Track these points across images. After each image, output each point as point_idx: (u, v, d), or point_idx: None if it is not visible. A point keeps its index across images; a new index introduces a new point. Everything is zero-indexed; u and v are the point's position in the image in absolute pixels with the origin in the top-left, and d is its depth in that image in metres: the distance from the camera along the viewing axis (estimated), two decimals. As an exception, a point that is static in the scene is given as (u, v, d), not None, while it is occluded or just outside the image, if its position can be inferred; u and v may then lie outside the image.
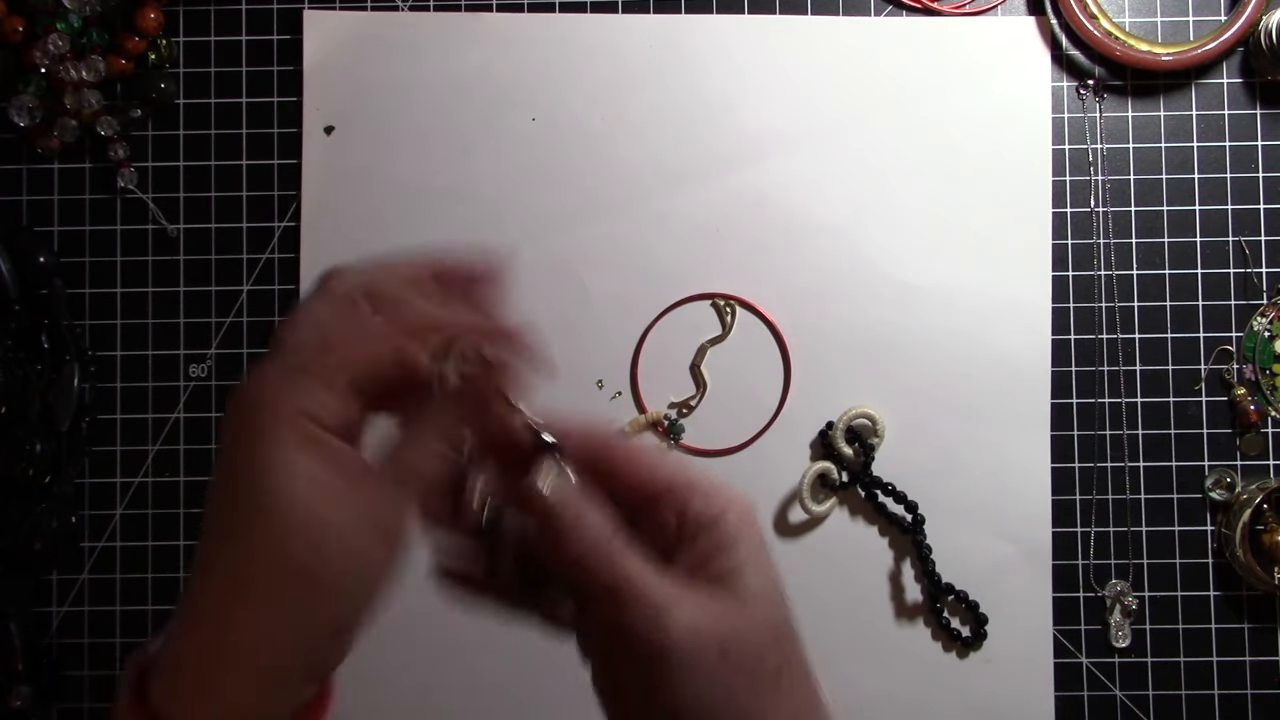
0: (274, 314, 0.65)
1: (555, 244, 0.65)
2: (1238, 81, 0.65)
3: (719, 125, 0.65)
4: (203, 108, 0.66)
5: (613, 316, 0.65)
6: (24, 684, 0.62)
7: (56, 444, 0.63)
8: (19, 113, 0.63)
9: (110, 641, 0.64)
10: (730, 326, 0.65)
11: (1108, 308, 0.65)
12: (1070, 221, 0.65)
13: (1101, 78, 0.65)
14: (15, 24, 0.63)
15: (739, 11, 0.66)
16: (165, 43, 0.65)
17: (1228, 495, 0.64)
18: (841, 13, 0.65)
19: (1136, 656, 0.64)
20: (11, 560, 0.63)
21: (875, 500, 0.64)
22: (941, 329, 0.64)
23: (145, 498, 0.65)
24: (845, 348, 0.65)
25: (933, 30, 0.65)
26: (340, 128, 0.65)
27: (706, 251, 0.65)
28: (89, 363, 0.64)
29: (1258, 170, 0.65)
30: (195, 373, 0.65)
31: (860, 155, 0.65)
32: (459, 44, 0.65)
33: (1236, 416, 0.64)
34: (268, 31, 0.66)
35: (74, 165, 0.66)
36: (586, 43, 0.65)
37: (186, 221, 0.66)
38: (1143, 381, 0.65)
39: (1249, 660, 0.64)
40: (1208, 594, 0.64)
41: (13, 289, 0.63)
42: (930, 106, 0.65)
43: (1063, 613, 0.64)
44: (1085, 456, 0.64)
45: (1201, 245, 0.65)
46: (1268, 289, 0.65)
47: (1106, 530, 0.64)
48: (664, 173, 0.65)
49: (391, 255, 0.36)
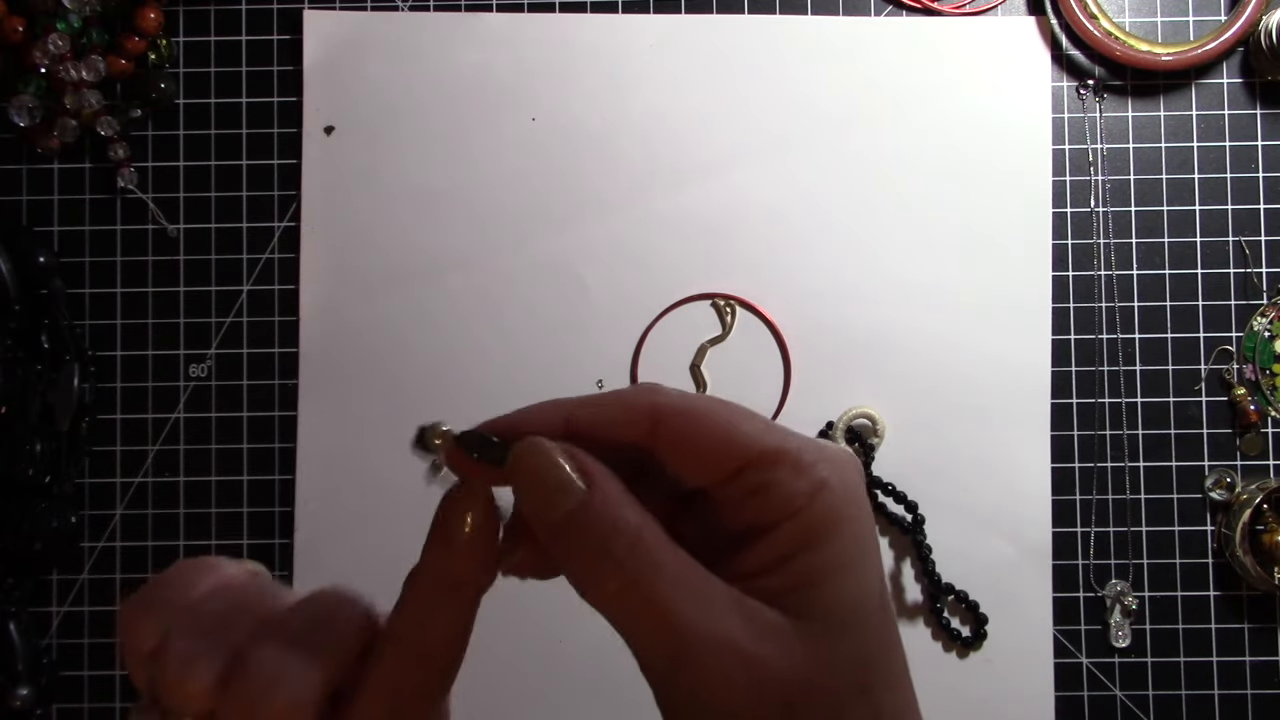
0: (274, 314, 0.65)
1: (555, 244, 0.65)
2: (1238, 81, 0.65)
3: (719, 125, 0.65)
4: (203, 108, 0.66)
5: (613, 316, 0.65)
6: (24, 684, 0.62)
7: (56, 444, 0.63)
8: (19, 113, 0.63)
9: (110, 641, 0.64)
10: (730, 326, 0.65)
11: (1108, 308, 0.65)
12: (1070, 221, 0.65)
13: (1101, 78, 0.65)
14: (15, 24, 0.63)
15: (739, 11, 0.66)
16: (165, 43, 0.65)
17: (1228, 495, 0.64)
18: (841, 13, 0.65)
19: (1136, 656, 0.64)
20: (11, 560, 0.63)
21: (875, 500, 0.64)
22: (941, 329, 0.64)
23: (145, 498, 0.65)
24: (845, 348, 0.65)
25: (933, 30, 0.65)
26: (340, 128, 0.65)
27: (706, 251, 0.65)
28: (89, 363, 0.64)
29: (1258, 170, 0.65)
30: (195, 373, 0.65)
31: (860, 155, 0.65)
32: (459, 44, 0.65)
33: (1236, 416, 0.64)
34: (268, 31, 0.66)
35: (74, 165, 0.66)
36: (586, 43, 0.65)
37: (186, 221, 0.66)
38: (1143, 381, 0.65)
39: (1249, 660, 0.64)
40: (1208, 594, 0.64)
41: (13, 289, 0.62)
42: (930, 106, 0.65)
43: (1063, 613, 0.64)
44: (1085, 456, 0.64)
45: (1201, 245, 0.65)
46: (1268, 289, 0.65)
47: (1106, 530, 0.64)
48: (664, 173, 0.65)
49: None
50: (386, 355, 0.65)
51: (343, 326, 0.65)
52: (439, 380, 0.64)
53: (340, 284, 0.65)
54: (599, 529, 0.24)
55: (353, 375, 0.65)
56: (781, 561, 0.24)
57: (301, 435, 0.64)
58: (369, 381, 0.65)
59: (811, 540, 0.24)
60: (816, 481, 0.24)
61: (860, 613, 0.24)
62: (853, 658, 0.23)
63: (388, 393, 0.65)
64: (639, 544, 0.23)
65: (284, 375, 0.65)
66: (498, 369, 0.64)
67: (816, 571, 0.23)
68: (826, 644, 0.23)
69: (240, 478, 0.65)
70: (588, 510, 0.24)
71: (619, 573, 0.23)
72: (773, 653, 0.22)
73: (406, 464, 0.64)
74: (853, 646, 0.23)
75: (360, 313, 0.65)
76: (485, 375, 0.65)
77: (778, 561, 0.24)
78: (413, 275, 0.65)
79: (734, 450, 0.24)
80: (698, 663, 0.22)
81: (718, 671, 0.22)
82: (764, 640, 0.23)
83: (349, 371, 0.65)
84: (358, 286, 0.65)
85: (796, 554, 0.24)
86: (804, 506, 0.24)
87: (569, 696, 0.63)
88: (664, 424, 0.25)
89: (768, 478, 0.24)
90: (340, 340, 0.65)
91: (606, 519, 0.24)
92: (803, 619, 0.23)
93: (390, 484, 0.64)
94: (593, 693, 0.63)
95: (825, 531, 0.24)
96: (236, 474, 0.65)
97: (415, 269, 0.65)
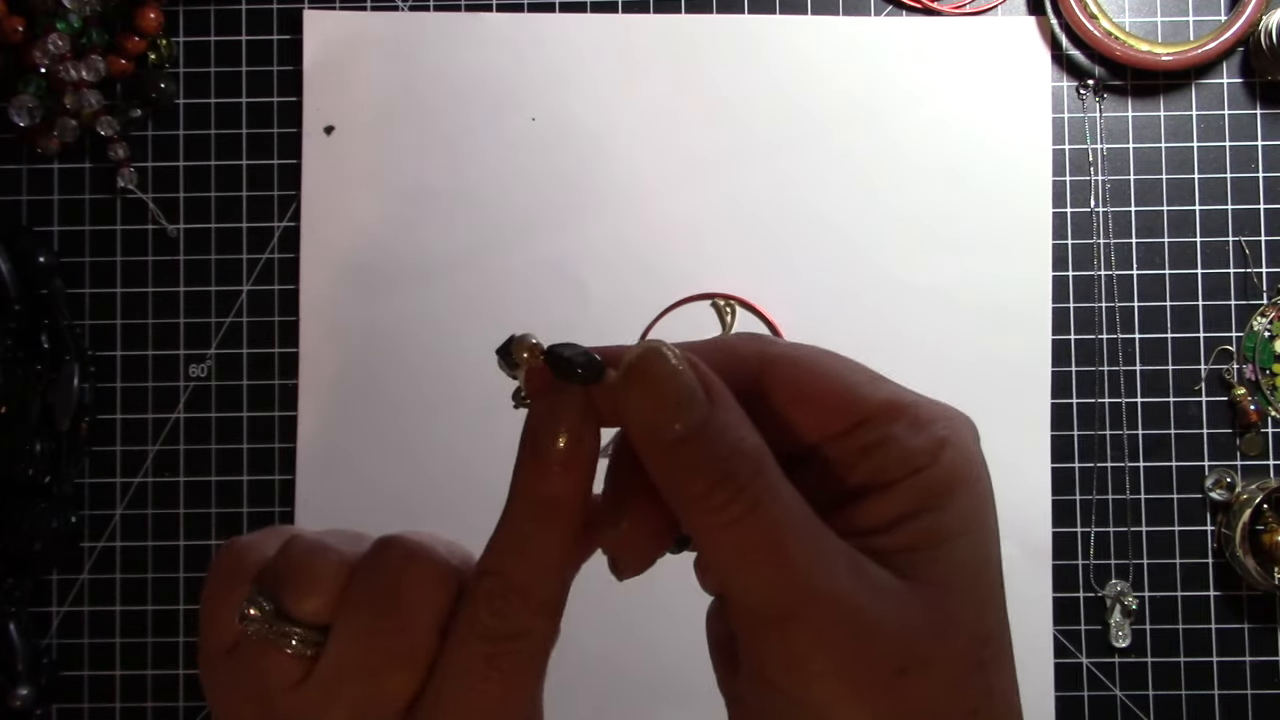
0: (274, 314, 0.65)
1: (555, 244, 0.65)
2: (1238, 81, 0.65)
3: (719, 125, 0.65)
4: (203, 108, 0.66)
5: (613, 316, 0.65)
6: (24, 684, 0.62)
7: (56, 444, 0.63)
8: (19, 113, 0.63)
9: (110, 641, 0.64)
10: (730, 326, 0.65)
11: (1108, 308, 0.65)
12: (1070, 221, 0.65)
13: (1101, 78, 0.65)
14: (15, 24, 0.63)
15: (739, 11, 0.66)
16: (165, 43, 0.65)
17: (1228, 495, 0.64)
18: (841, 13, 0.65)
19: (1136, 656, 0.64)
20: (11, 560, 0.63)
21: (875, 500, 0.64)
22: (941, 329, 0.64)
23: (145, 498, 0.65)
24: (845, 348, 0.64)
25: (933, 30, 0.65)
26: (340, 128, 0.65)
27: (706, 251, 0.65)
28: (89, 363, 0.64)
29: (1258, 170, 0.65)
30: (195, 373, 0.65)
31: (860, 155, 0.65)
32: (459, 44, 0.65)
33: (1236, 416, 0.64)
34: (268, 31, 0.66)
35: (74, 165, 0.66)
36: (586, 43, 0.65)
37: (186, 221, 0.66)
38: (1143, 381, 0.65)
39: (1249, 660, 0.64)
40: (1208, 594, 0.64)
41: (13, 289, 0.62)
42: (930, 106, 0.65)
43: (1063, 613, 0.64)
44: (1085, 456, 0.64)
45: (1201, 245, 0.65)
46: (1268, 289, 0.65)
47: (1106, 530, 0.64)
48: (664, 173, 0.65)
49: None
50: (386, 355, 0.65)
51: (343, 326, 0.65)
52: (439, 380, 0.64)
53: (340, 284, 0.65)
54: (721, 448, 0.21)
55: (353, 375, 0.65)
56: (900, 520, 0.22)
57: (301, 435, 0.64)
58: (369, 381, 0.65)
59: (933, 500, 0.22)
60: (937, 439, 0.23)
61: (981, 581, 0.22)
62: (972, 629, 0.21)
63: (388, 393, 0.65)
64: (764, 469, 0.21)
65: (284, 375, 0.65)
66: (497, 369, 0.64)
67: (938, 533, 0.22)
68: (945, 611, 0.21)
69: (240, 478, 0.65)
70: (709, 426, 0.21)
71: (741, 498, 0.21)
72: (887, 615, 0.20)
73: (406, 464, 0.64)
74: (973, 617, 0.22)
75: (360, 313, 0.65)
76: (485, 375, 0.64)
77: (896, 520, 0.22)
78: (413, 275, 0.65)
79: (851, 403, 0.23)
80: (808, 615, 0.20)
81: (828, 628, 0.20)
82: (879, 601, 0.21)
83: (349, 371, 0.65)
84: (358, 286, 0.65)
85: (917, 513, 0.22)
86: (926, 465, 0.22)
87: (570, 695, 0.63)
88: (774, 374, 0.23)
89: (885, 433, 0.22)
90: (340, 340, 0.65)
91: (730, 438, 0.21)
92: (920, 582, 0.21)
93: (390, 484, 0.64)
94: (593, 693, 0.63)
95: (948, 491, 0.22)
96: (236, 474, 0.65)
97: (415, 269, 0.65)
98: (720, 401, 0.22)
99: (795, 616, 0.20)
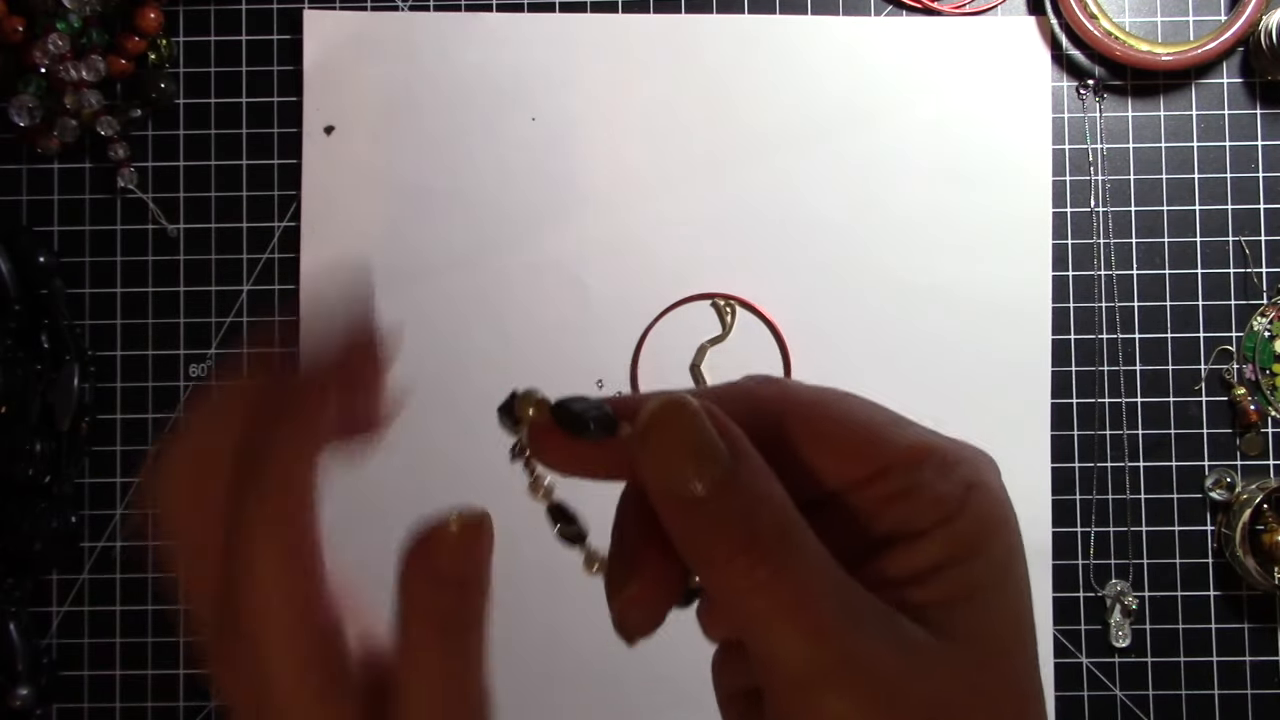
0: (274, 314, 0.65)
1: (555, 244, 0.65)
2: (1238, 81, 0.65)
3: (719, 125, 0.65)
4: (203, 108, 0.66)
5: (613, 316, 0.65)
6: (24, 684, 0.62)
7: (56, 444, 0.63)
8: (19, 113, 0.63)
9: (110, 641, 0.64)
10: (730, 326, 0.65)
11: (1108, 308, 0.65)
12: (1070, 221, 0.65)
13: (1101, 78, 0.65)
14: (15, 24, 0.63)
15: (739, 11, 0.66)
16: (165, 43, 0.65)
17: (1228, 495, 0.64)
18: (841, 13, 0.65)
19: (1136, 656, 0.64)
20: (11, 560, 0.63)
21: (875, 500, 0.64)
22: (941, 329, 0.64)
23: (145, 498, 0.65)
24: (845, 348, 0.65)
25: (933, 30, 0.65)
26: (340, 128, 0.65)
27: (706, 251, 0.65)
28: (89, 363, 0.64)
29: (1258, 170, 0.65)
30: (195, 373, 0.65)
31: (860, 155, 0.65)
32: (459, 44, 0.65)
33: (1236, 416, 0.64)
34: (268, 31, 0.66)
35: (74, 165, 0.66)
36: (586, 43, 0.65)
37: (186, 221, 0.66)
38: (1143, 381, 0.65)
39: (1249, 660, 0.64)
40: (1208, 594, 0.64)
41: (13, 289, 0.63)
42: (930, 106, 0.65)
43: (1063, 613, 0.64)
44: (1085, 456, 0.64)
45: (1201, 245, 0.65)
46: (1268, 289, 0.65)
47: (1106, 530, 0.64)
48: (664, 173, 0.65)
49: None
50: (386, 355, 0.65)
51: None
52: (438, 380, 0.64)
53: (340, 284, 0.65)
54: (745, 506, 0.20)
55: (353, 375, 0.65)
56: (932, 571, 0.21)
57: (301, 435, 0.64)
58: (369, 381, 0.65)
59: (965, 550, 0.21)
60: (963, 483, 0.21)
61: (1018, 636, 0.21)
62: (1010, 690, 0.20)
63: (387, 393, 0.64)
64: (791, 527, 0.20)
65: (284, 375, 0.65)
66: (497, 369, 0.64)
67: (971, 584, 0.21)
68: (981, 672, 0.20)
69: (240, 478, 0.65)
70: (733, 483, 0.20)
71: (768, 560, 0.20)
72: (923, 677, 0.19)
73: (405, 465, 0.64)
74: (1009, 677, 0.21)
75: (360, 313, 0.65)
76: (485, 375, 0.65)
77: (928, 571, 0.21)
78: (412, 275, 0.65)
79: (876, 449, 0.22)
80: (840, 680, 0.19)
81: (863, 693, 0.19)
82: (914, 662, 0.20)
83: (349, 371, 0.65)
84: (358, 286, 0.65)
85: (949, 564, 0.21)
86: (955, 512, 0.21)
87: (569, 697, 0.63)
88: (794, 418, 0.22)
89: (913, 479, 0.21)
90: (340, 340, 0.65)
91: (754, 495, 0.20)
92: (955, 639, 0.20)
93: (389, 485, 0.64)
94: (593, 693, 0.63)
95: (980, 540, 0.21)
96: (236, 474, 0.65)
97: (415, 269, 0.65)
98: (743, 456, 0.21)
99: (828, 680, 0.19)
